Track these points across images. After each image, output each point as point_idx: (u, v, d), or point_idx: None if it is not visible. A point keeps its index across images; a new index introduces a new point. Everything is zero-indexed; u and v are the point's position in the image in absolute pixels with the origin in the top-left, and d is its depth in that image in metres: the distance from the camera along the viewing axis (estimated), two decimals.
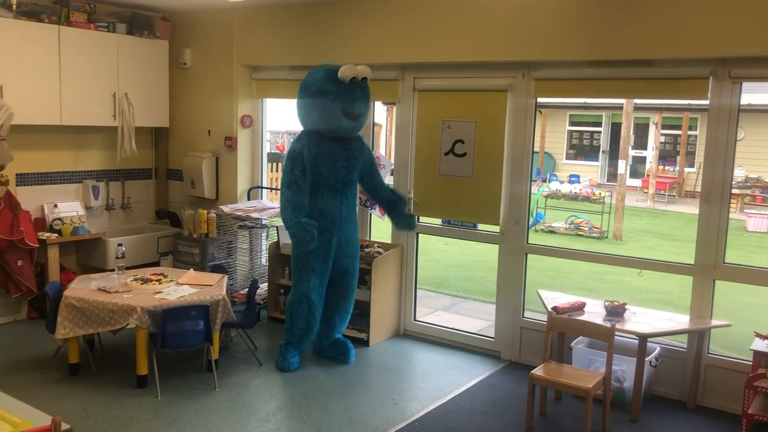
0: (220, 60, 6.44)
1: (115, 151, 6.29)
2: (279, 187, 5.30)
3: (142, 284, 4.78)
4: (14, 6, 5.45)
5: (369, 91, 4.92)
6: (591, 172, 18.07)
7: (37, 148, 5.99)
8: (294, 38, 5.94)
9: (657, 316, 4.62)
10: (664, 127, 16.62)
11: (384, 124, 18.08)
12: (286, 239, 5.75)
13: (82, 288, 4.66)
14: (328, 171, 4.81)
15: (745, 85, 4.34)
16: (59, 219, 5.93)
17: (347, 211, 4.95)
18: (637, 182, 17.18)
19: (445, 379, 4.88)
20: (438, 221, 5.78)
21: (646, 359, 4.32)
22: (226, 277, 5.10)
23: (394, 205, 5.24)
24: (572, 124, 19.50)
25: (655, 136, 16.04)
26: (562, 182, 14.78)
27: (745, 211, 13.58)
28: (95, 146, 6.43)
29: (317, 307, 4.96)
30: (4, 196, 5.55)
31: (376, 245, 5.71)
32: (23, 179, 5.90)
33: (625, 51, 4.49)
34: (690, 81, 4.43)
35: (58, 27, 5.70)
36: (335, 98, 4.69)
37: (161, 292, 4.63)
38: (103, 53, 6.05)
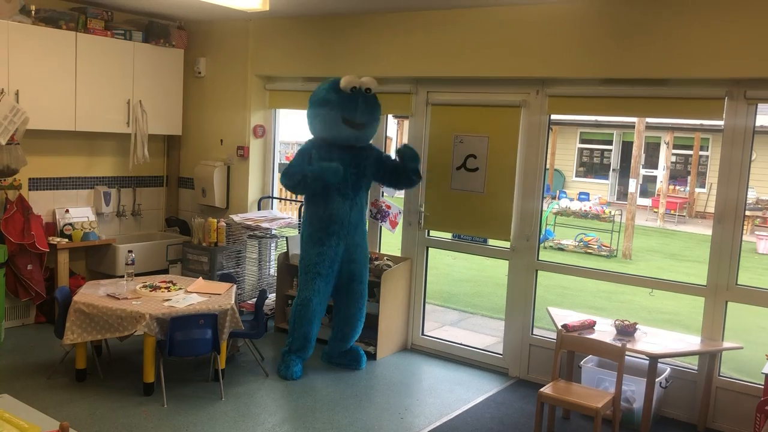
0: (234, 70, 6.47)
1: (127, 158, 6.32)
2: (290, 198, 5.33)
3: (151, 291, 4.77)
4: (33, 12, 5.50)
5: (376, 102, 5.02)
6: (601, 190, 18.02)
7: (50, 153, 6.02)
8: (308, 50, 5.96)
9: (668, 337, 4.58)
10: (675, 146, 16.59)
11: (394, 138, 18.12)
12: (295, 249, 5.76)
13: (91, 294, 4.66)
14: None
15: (759, 107, 4.33)
16: (70, 224, 5.95)
17: (356, 217, 5.03)
18: (647, 201, 17.12)
19: (452, 395, 4.84)
20: (448, 235, 5.77)
21: (657, 380, 4.28)
22: (235, 286, 5.09)
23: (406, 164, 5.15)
24: (583, 141, 19.48)
25: (666, 156, 16.01)
26: (571, 199, 14.73)
27: (756, 233, 13.48)
28: (108, 153, 6.46)
29: (319, 312, 5.00)
30: (16, 200, 5.57)
31: (385, 258, 5.69)
32: (36, 184, 5.93)
33: (640, 70, 4.48)
34: (705, 101, 4.41)
35: (76, 34, 5.75)
36: (336, 107, 4.85)
37: (170, 299, 4.63)
38: (118, 61, 6.09)
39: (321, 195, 4.95)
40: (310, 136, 5.11)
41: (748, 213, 13.85)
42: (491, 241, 5.61)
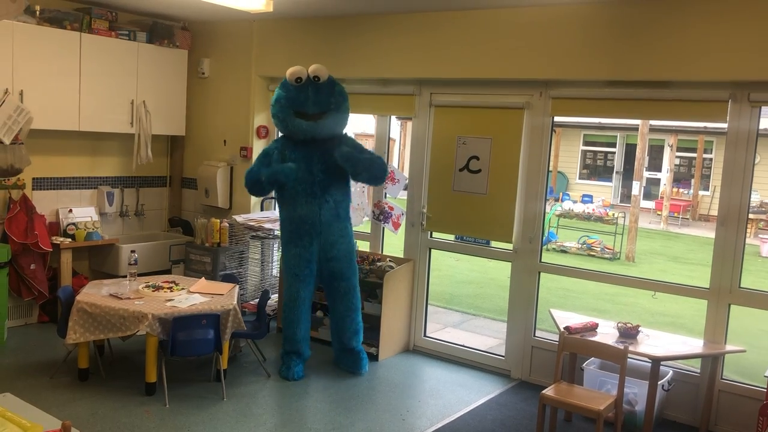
0: (238, 70, 6.48)
1: (130, 158, 6.32)
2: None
3: (153, 291, 4.78)
4: (37, 12, 5.51)
5: (332, 90, 4.90)
6: (604, 192, 17.99)
7: (54, 152, 6.03)
8: (312, 51, 5.97)
9: (670, 340, 4.57)
10: (679, 149, 16.55)
11: (398, 139, 18.13)
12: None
13: (94, 293, 4.67)
14: (303, 175, 4.87)
15: (763, 109, 4.32)
16: (73, 224, 5.96)
17: (328, 215, 4.94)
18: (650, 204, 17.09)
19: (454, 397, 4.84)
20: (451, 237, 5.77)
21: (659, 383, 4.27)
22: (237, 287, 5.10)
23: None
24: (586, 143, 19.46)
25: (669, 158, 15.99)
26: (574, 202, 14.72)
27: (759, 236, 13.45)
28: (111, 153, 6.48)
29: (302, 313, 5.01)
30: (20, 200, 5.59)
31: (388, 259, 5.69)
32: (39, 183, 5.94)
33: (644, 72, 4.48)
34: (709, 104, 4.41)
35: (80, 34, 5.76)
36: (286, 102, 4.88)
37: (172, 299, 4.64)
38: (122, 61, 6.10)
39: (288, 196, 4.94)
40: None
41: (751, 216, 13.83)
42: (494, 243, 5.61)
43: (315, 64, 4.92)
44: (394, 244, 6.27)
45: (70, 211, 6.05)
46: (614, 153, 18.99)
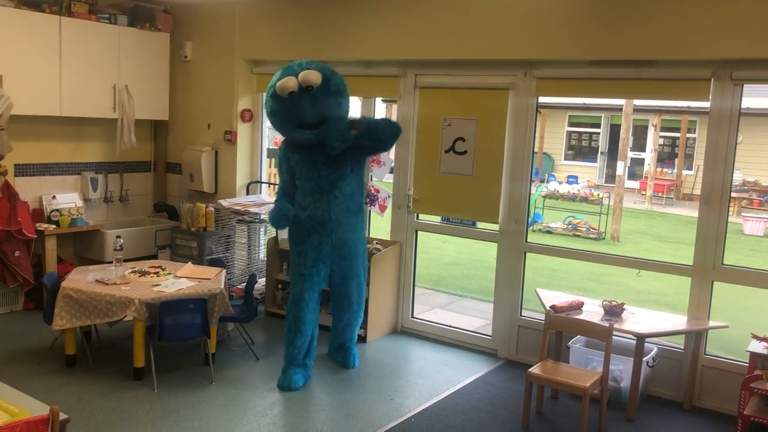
0: (221, 54, 6.42)
1: (114, 144, 6.27)
2: (278, 183, 5.21)
3: (140, 277, 4.76)
4: None
5: (328, 90, 4.45)
6: (589, 173, 18.06)
7: (36, 138, 5.97)
8: (296, 33, 5.93)
9: (655, 317, 4.63)
10: (662, 129, 16.63)
11: None
12: (283, 234, 5.74)
13: (80, 279, 4.65)
14: (309, 173, 4.59)
15: (745, 88, 4.35)
16: (57, 210, 5.91)
17: (338, 212, 4.61)
18: (635, 184, 17.19)
19: (441, 377, 4.88)
20: (437, 219, 5.78)
21: (644, 359, 4.33)
22: (224, 271, 5.09)
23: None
24: (571, 125, 19.50)
25: (653, 138, 16.06)
26: (560, 183, 14.78)
27: (742, 214, 13.59)
28: (95, 138, 6.42)
29: (307, 312, 4.62)
30: (2, 187, 5.53)
31: (375, 242, 5.70)
32: (22, 170, 5.88)
33: (627, 51, 4.49)
34: (692, 82, 4.43)
35: (59, 17, 5.68)
36: (283, 116, 4.51)
37: (159, 284, 4.62)
38: (104, 45, 6.03)
39: (300, 195, 4.64)
40: None
41: (734, 194, 13.97)
42: (480, 224, 5.63)
43: (304, 70, 4.43)
44: (380, 226, 6.28)
45: (54, 197, 6.00)
46: (599, 134, 19.06)
